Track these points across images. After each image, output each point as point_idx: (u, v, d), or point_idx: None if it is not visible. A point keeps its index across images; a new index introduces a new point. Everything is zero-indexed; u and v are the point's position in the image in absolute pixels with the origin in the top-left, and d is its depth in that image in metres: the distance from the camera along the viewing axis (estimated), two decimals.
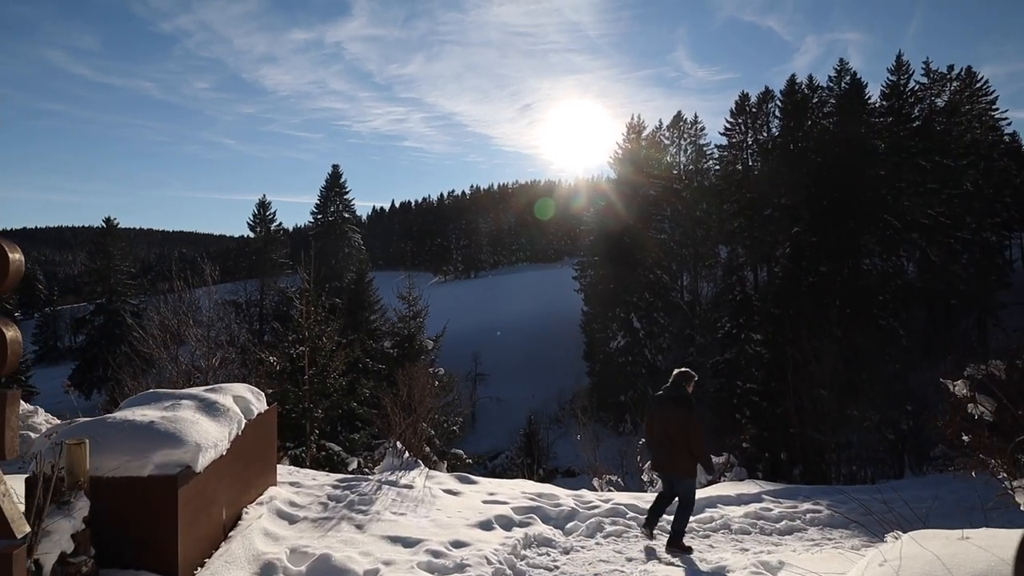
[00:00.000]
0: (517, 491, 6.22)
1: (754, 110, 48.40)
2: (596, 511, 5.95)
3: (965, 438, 5.41)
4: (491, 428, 38.70)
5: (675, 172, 48.38)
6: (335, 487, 5.51)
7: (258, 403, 4.42)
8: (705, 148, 49.62)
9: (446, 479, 6.32)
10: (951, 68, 43.35)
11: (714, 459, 9.50)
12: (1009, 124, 45.89)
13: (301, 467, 9.55)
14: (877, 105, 42.17)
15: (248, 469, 4.29)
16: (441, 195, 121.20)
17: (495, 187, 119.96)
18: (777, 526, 6.40)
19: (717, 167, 49.19)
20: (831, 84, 44.01)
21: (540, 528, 5.38)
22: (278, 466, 5.39)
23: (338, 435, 13.58)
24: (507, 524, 5.29)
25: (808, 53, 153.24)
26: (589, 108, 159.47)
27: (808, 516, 6.79)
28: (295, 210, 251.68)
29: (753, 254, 42.15)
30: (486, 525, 5.07)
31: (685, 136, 49.86)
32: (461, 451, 15.78)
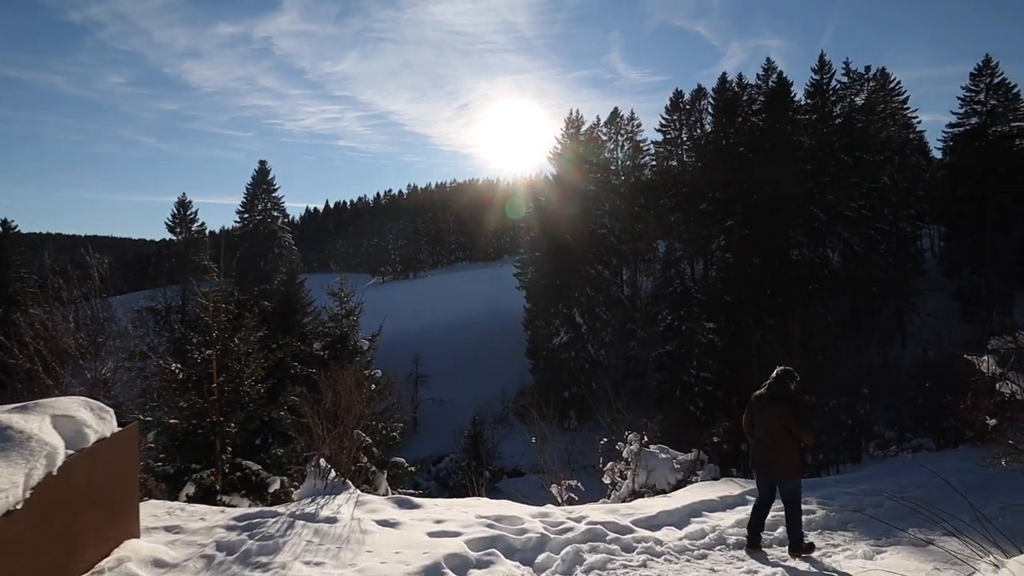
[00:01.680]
0: (470, 515, 5.08)
1: (688, 107, 49.19)
2: (570, 535, 4.94)
3: (991, 421, 4.82)
4: (434, 431, 37.44)
5: (613, 168, 48.48)
6: (230, 528, 4.18)
7: (100, 424, 3.09)
8: (642, 144, 49.97)
9: (381, 504, 5.08)
10: (868, 69, 45.42)
11: (682, 456, 8.79)
12: (919, 122, 48.58)
13: (209, 495, 8.14)
14: (802, 103, 43.55)
15: (77, 522, 3.03)
16: (378, 195, 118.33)
17: (433, 186, 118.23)
18: (775, 535, 5.63)
19: (653, 163, 49.67)
20: (759, 83, 45.15)
21: (506, 568, 4.28)
22: (152, 504, 4.12)
23: (261, 451, 12.10)
24: (462, 567, 4.10)
25: (734, 57, 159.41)
26: (527, 108, 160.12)
27: (805, 519, 6.12)
28: (225, 212, 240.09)
29: (690, 247, 42.67)
30: (434, 572, 3.90)
31: (622, 132, 50.02)
32: (402, 459, 14.50)
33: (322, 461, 5.76)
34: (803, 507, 6.16)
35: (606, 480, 9.35)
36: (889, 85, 45.46)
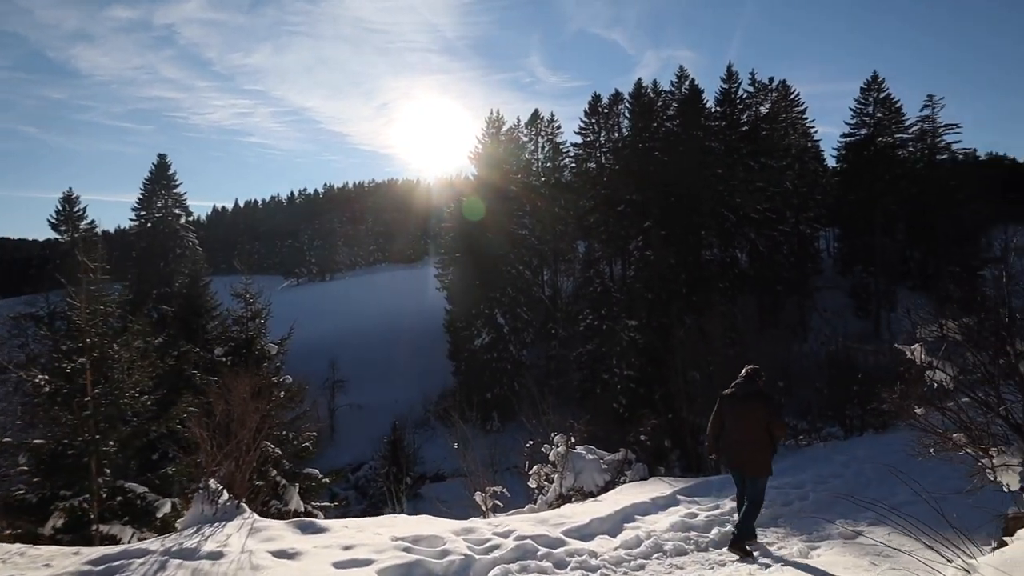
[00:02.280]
0: (384, 537, 4.47)
1: (606, 111, 50.21)
2: (497, 553, 4.49)
3: (919, 410, 4.86)
4: (353, 438, 36.09)
5: (534, 169, 48.71)
6: None
7: None
8: (562, 146, 50.51)
9: (280, 531, 4.39)
10: (771, 80, 48.15)
11: (609, 456, 8.60)
12: (816, 132, 52.06)
13: (83, 525, 7.08)
14: (712, 111, 45.51)
15: None
16: (292, 194, 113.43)
17: (351, 186, 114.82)
18: (712, 536, 5.47)
19: (573, 165, 50.35)
20: (673, 90, 46.76)
21: None
22: None
23: (158, 468, 10.89)
24: None
25: (648, 67, 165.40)
26: (448, 108, 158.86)
27: (736, 517, 5.99)
28: (121, 210, 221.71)
29: (609, 248, 43.49)
30: None
31: (542, 134, 50.35)
32: (316, 470, 13.57)
33: (212, 482, 5.02)
34: (733, 503, 6.09)
35: (532, 484, 9.02)
36: (790, 96, 48.38)
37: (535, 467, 9.15)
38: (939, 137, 45.39)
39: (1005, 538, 3.95)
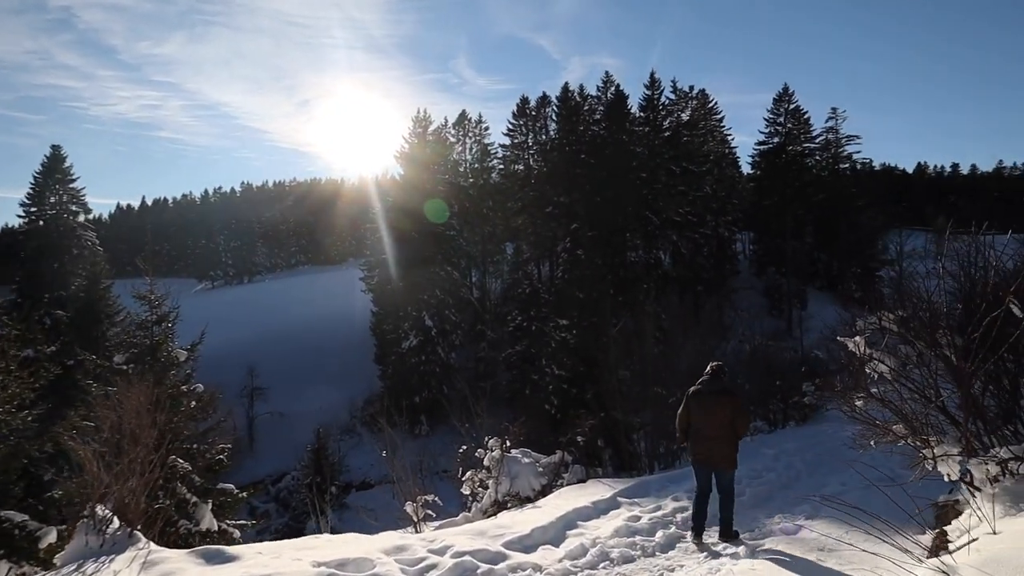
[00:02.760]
0: (305, 563, 3.91)
1: (533, 114, 50.51)
2: (434, 574, 4.08)
3: (859, 402, 4.85)
4: (274, 447, 34.37)
5: (461, 170, 48.32)
6: None
7: None
8: (490, 148, 50.39)
9: (180, 563, 3.73)
10: (692, 88, 50.08)
11: (545, 459, 8.34)
12: (733, 139, 54.61)
13: None
14: (637, 116, 46.74)
15: None
16: (206, 192, 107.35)
17: (271, 185, 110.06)
18: (657, 540, 5.30)
19: (501, 166, 50.33)
20: (599, 94, 47.67)
21: None
22: None
23: (36, 495, 9.68)
24: None
25: (574, 72, 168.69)
26: (374, 107, 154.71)
27: (681, 518, 5.89)
28: (8, 206, 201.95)
29: (537, 249, 43.70)
30: None
31: (470, 135, 50.04)
32: (231, 485, 12.53)
33: (99, 509, 4.33)
34: (677, 504, 5.95)
35: (465, 491, 8.63)
36: (708, 104, 50.51)
37: (468, 473, 8.78)
38: (842, 147, 48.66)
39: (946, 528, 3.95)
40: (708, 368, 5.85)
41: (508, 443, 8.52)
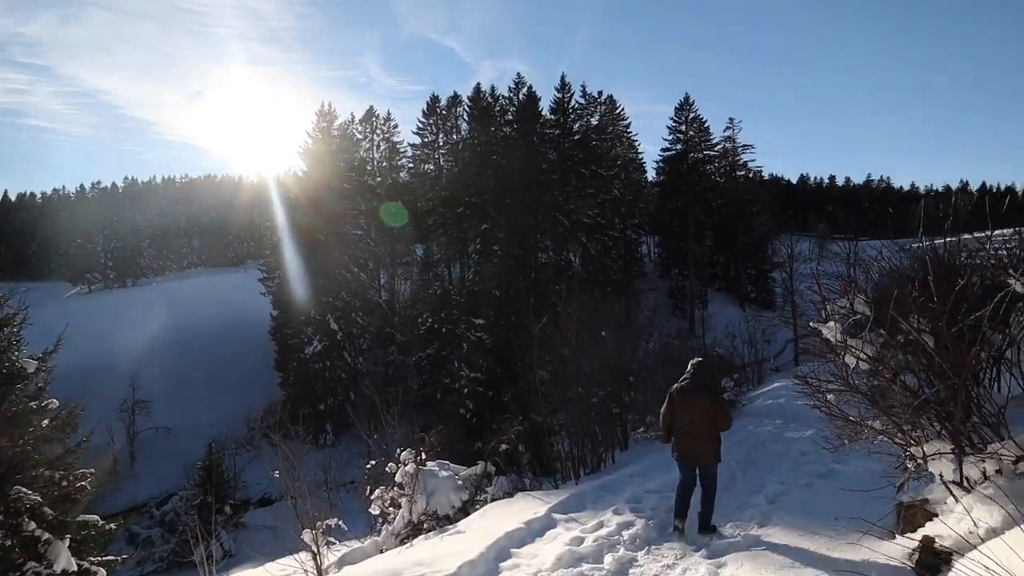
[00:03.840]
0: None
1: (444, 112, 49.75)
2: None
3: (830, 396, 4.45)
4: (159, 466, 31.37)
5: (369, 168, 46.68)
6: None
7: None
8: (399, 146, 49.08)
9: None
10: (600, 93, 51.20)
11: (465, 471, 7.56)
12: (640, 145, 56.40)
13: None
14: (548, 119, 47.10)
15: None
16: (83, 187, 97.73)
17: (158, 180, 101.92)
18: (607, 568, 4.70)
19: (411, 165, 49.16)
20: (511, 95, 47.66)
21: None
22: None
23: None
24: None
25: (485, 76, 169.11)
26: (275, 102, 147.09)
27: (628, 535, 5.34)
28: None
29: (449, 250, 42.94)
30: None
31: (378, 132, 48.51)
32: (96, 516, 10.83)
33: None
34: (620, 518, 5.77)
35: (374, 511, 7.67)
36: (616, 110, 51.83)
37: (378, 491, 7.84)
38: (738, 156, 51.43)
39: (931, 535, 3.58)
40: (689, 365, 6.00)
41: (423, 455, 7.65)
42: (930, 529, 3.57)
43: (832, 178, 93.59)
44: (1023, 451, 2.98)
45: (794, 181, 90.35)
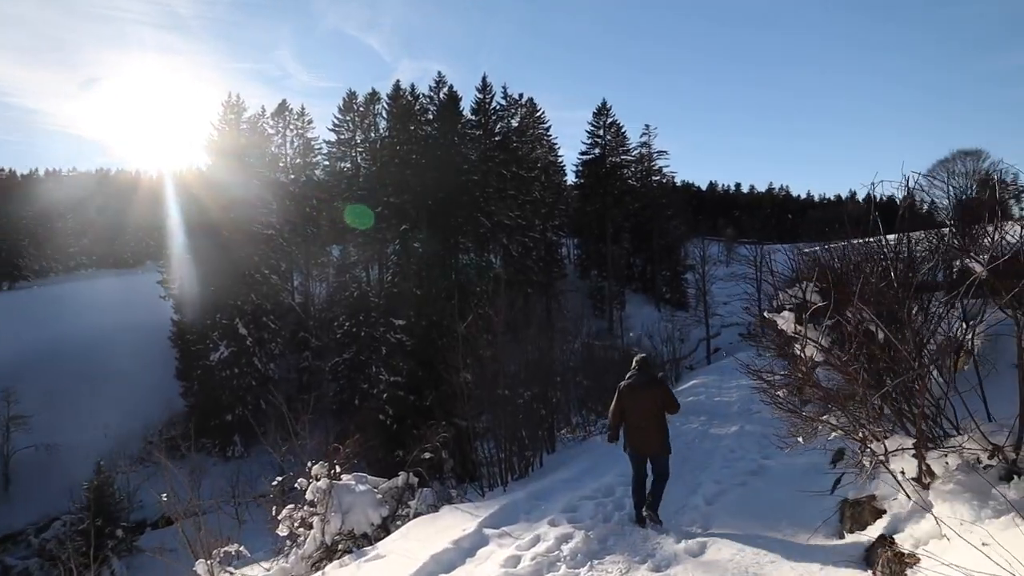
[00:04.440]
0: None
1: (362, 109, 48.19)
2: None
3: (779, 393, 4.24)
4: (40, 488, 28.41)
5: (282, 165, 44.49)
6: None
7: None
8: (314, 143, 47.06)
9: None
10: (521, 95, 51.37)
11: (385, 484, 6.94)
12: (560, 148, 57.20)
13: None
14: (469, 119, 46.74)
15: None
16: None
17: (42, 173, 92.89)
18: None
19: (326, 163, 47.28)
20: (432, 94, 46.91)
21: None
22: None
23: None
24: None
25: (404, 75, 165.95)
26: (179, 94, 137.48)
27: (568, 550, 4.99)
28: None
29: (366, 251, 41.65)
30: None
31: (291, 127, 46.28)
32: None
33: None
34: (557, 530, 5.54)
35: (282, 532, 6.94)
36: (536, 113, 52.18)
37: (286, 509, 7.12)
38: (653, 161, 53.17)
39: (893, 536, 3.45)
40: (634, 362, 6.19)
41: (338, 468, 6.95)
42: (882, 527, 3.47)
43: (738, 186, 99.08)
44: (991, 443, 2.86)
45: (704, 188, 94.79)
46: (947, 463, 3.06)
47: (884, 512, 3.72)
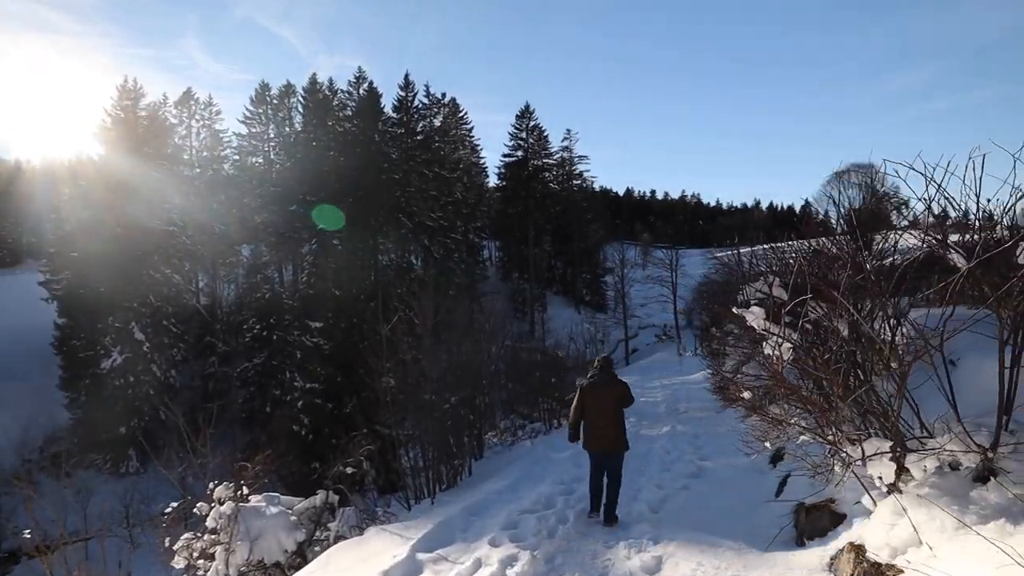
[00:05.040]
0: None
1: (276, 103, 45.89)
2: None
3: (745, 395, 3.98)
4: None
5: (186, 157, 41.57)
6: None
7: None
8: (222, 135, 44.26)
9: None
10: (444, 95, 50.79)
11: (301, 504, 6.16)
12: (482, 150, 56.99)
13: None
14: (390, 116, 45.61)
15: None
16: None
17: None
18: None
19: (236, 157, 44.61)
20: (351, 89, 45.40)
21: None
22: None
23: None
24: None
25: (322, 71, 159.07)
26: (69, 79, 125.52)
27: (509, 573, 4.54)
28: None
29: (279, 251, 39.61)
30: None
31: (197, 117, 43.34)
32: None
33: None
34: (500, 552, 5.20)
35: (178, 565, 6.07)
36: (459, 113, 51.76)
37: (182, 539, 6.28)
38: (574, 166, 54.06)
39: (860, 544, 3.21)
40: (596, 362, 6.43)
41: (245, 488, 6.13)
42: (847, 534, 3.32)
43: (653, 192, 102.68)
44: (977, 444, 2.66)
45: (621, 193, 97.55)
46: (925, 467, 2.91)
47: (844, 517, 3.60)
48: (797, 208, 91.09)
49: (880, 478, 2.95)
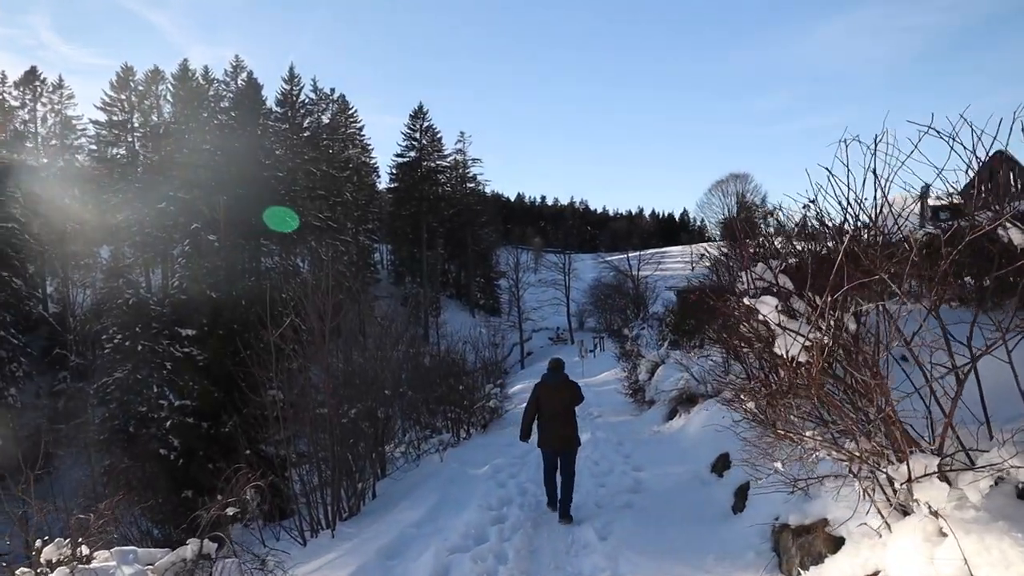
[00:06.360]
0: None
1: (141, 88, 41.73)
2: None
3: (750, 405, 3.45)
4: None
5: (31, 146, 36.76)
6: None
7: None
8: (76, 122, 39.60)
9: None
10: (333, 91, 48.81)
11: (166, 558, 4.89)
12: (373, 150, 55.39)
13: None
14: (273, 110, 43.05)
15: None
16: None
17: None
18: None
19: (93, 147, 40.05)
20: (228, 79, 42.37)
21: None
22: None
23: None
24: None
25: (198, 62, 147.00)
26: None
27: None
28: None
29: (145, 252, 36.03)
30: None
31: (44, 101, 38.49)
32: None
33: None
34: None
35: None
36: (349, 111, 49.94)
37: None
38: (468, 168, 53.97)
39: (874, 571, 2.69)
40: (550, 364, 6.73)
41: (86, 549, 4.37)
42: (863, 565, 2.75)
43: (543, 198, 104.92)
44: None
45: (512, 198, 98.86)
46: (980, 487, 2.36)
47: (843, 541, 3.11)
48: (677, 216, 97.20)
49: (928, 504, 2.45)
